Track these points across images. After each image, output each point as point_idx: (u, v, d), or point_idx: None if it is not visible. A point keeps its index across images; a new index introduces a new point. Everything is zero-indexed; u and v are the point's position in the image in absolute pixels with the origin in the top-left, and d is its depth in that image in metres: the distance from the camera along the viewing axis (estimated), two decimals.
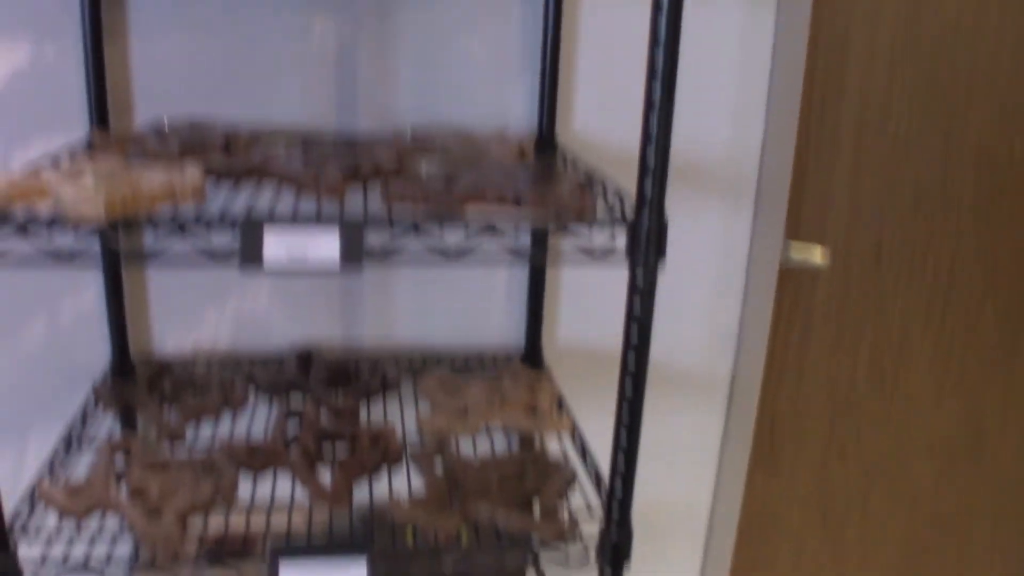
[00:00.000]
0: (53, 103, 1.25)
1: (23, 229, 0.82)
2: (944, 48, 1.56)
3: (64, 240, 0.84)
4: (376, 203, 0.94)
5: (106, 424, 1.23)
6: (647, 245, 0.90)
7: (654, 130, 0.87)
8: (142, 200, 0.86)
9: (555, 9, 1.30)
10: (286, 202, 0.95)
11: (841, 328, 1.71)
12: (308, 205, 0.94)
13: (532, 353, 1.46)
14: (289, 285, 1.39)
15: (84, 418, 1.21)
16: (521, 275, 1.44)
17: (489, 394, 1.25)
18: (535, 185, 0.99)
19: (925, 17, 1.53)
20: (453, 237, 0.88)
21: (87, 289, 1.33)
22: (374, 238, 0.85)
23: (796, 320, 1.69)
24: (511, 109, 1.38)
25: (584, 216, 0.91)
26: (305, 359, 1.35)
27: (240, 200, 0.98)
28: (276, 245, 0.82)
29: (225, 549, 1.10)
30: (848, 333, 1.72)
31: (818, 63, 1.52)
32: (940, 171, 1.63)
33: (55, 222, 0.82)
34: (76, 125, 1.25)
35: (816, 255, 1.61)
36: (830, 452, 1.81)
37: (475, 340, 1.48)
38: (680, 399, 1.59)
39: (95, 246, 1.23)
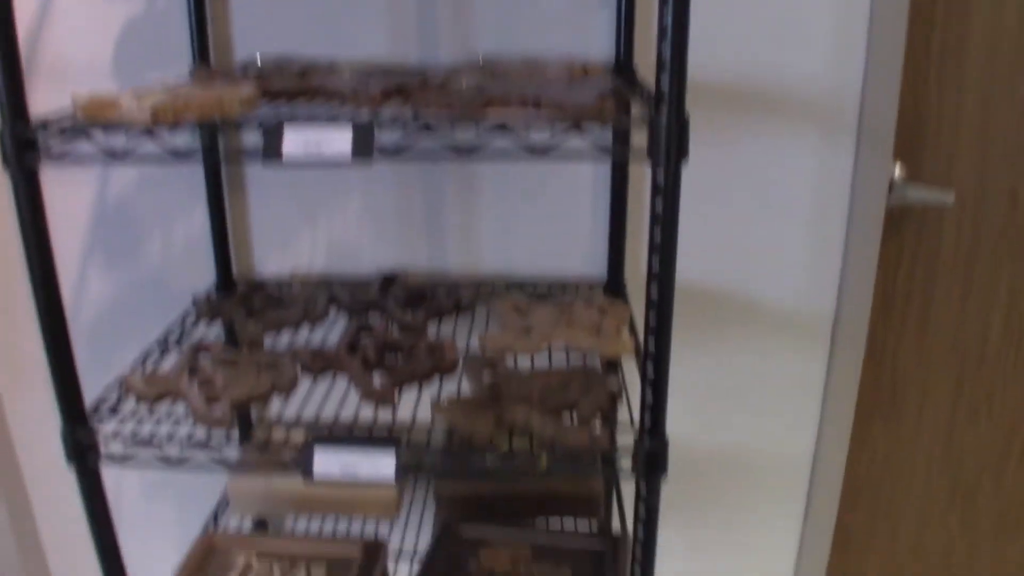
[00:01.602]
0: (162, 42, 1.37)
1: (84, 132, 0.92)
2: None
3: (118, 141, 0.93)
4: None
5: (200, 332, 1.34)
6: (667, 143, 0.87)
7: (668, 22, 0.84)
8: (191, 109, 0.94)
9: None
10: (324, 112, 1.01)
11: (970, 275, 1.58)
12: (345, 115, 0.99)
13: (614, 282, 1.45)
14: (378, 210, 1.46)
15: (182, 326, 1.34)
16: (604, 203, 1.43)
17: (557, 316, 1.25)
18: (567, 93, 0.98)
19: None
20: (465, 135, 0.90)
21: (194, 214, 1.47)
22: (390, 137, 0.89)
23: (918, 264, 1.57)
24: (591, 40, 1.37)
25: (601, 116, 0.90)
26: (388, 281, 1.41)
27: (283, 111, 1.04)
28: (294, 142, 0.87)
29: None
30: (979, 280, 1.58)
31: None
32: None
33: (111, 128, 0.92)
34: (183, 61, 1.37)
35: (944, 195, 1.49)
36: (958, 413, 1.67)
37: (559, 269, 1.49)
38: (777, 341, 1.53)
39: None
